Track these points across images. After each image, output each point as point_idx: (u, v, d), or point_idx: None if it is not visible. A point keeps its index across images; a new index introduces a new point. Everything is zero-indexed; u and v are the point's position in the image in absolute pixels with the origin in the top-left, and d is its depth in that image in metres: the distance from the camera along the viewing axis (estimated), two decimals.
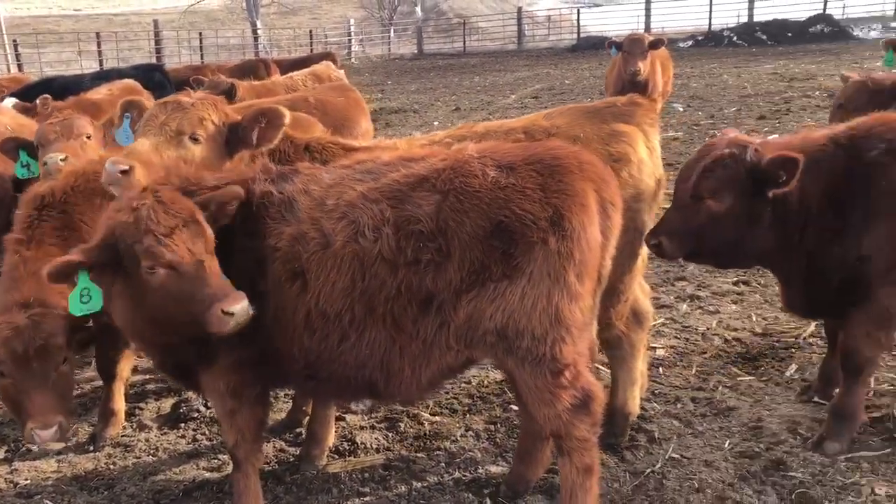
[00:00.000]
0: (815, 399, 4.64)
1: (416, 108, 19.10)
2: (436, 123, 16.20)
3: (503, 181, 3.08)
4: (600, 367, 4.92)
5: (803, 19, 30.01)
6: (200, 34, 34.69)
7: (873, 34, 28.50)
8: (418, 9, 43.95)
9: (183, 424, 4.83)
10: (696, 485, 3.91)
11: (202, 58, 31.06)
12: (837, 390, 4.29)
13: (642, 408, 4.64)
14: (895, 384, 4.74)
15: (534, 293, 3.05)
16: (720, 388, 4.89)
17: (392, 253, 3.06)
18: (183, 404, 5.01)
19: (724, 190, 3.84)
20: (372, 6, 50.33)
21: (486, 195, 3.06)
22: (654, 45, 9.91)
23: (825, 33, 28.70)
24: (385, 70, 31.77)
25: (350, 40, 37.38)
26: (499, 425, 4.60)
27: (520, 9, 37.45)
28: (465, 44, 37.94)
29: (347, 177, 3.30)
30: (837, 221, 3.85)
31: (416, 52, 38.12)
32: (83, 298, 3.17)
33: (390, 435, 4.56)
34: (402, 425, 4.63)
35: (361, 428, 4.65)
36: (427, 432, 4.57)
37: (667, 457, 4.17)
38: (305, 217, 3.21)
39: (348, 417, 4.76)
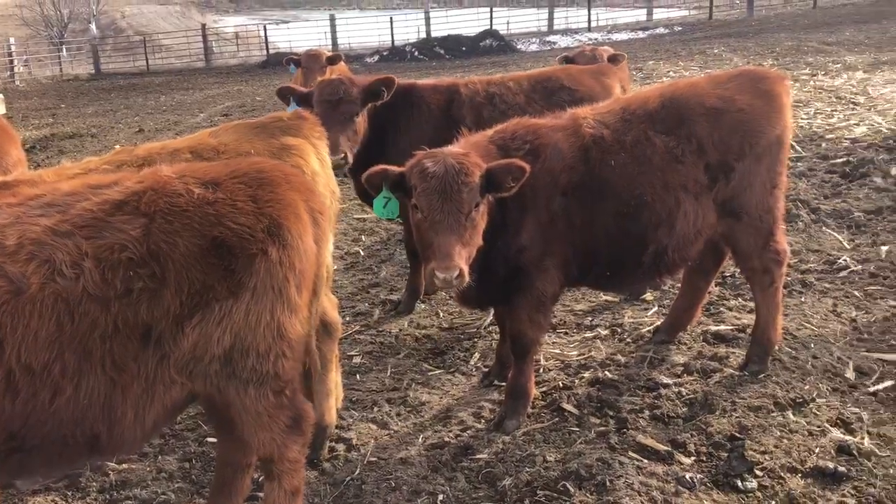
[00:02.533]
0: (495, 382, 5.04)
1: (95, 133, 17.65)
2: (117, 146, 15.05)
3: (211, 197, 2.96)
4: None
5: (474, 35, 32.62)
6: None
7: (533, 47, 31.87)
8: (93, 26, 40.71)
9: None
10: (393, 483, 4.04)
11: None
12: (511, 372, 4.70)
13: (341, 417, 4.70)
14: (558, 358, 5.31)
15: (258, 308, 2.98)
16: (413, 385, 5.12)
17: (98, 287, 2.77)
18: None
19: (478, 201, 3.87)
20: (37, 24, 45.67)
21: (197, 212, 2.91)
22: (332, 60, 10.13)
23: (494, 47, 31.44)
24: (57, 92, 28.93)
25: (12, 61, 33.53)
26: (194, 461, 4.38)
27: (203, 25, 36.31)
28: (147, 62, 35.85)
29: (24, 214, 2.87)
30: (500, 217, 4.17)
31: (93, 71, 35.23)
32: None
33: (69, 494, 4.13)
34: (82, 480, 4.23)
35: (34, 492, 4.16)
36: (114, 482, 4.21)
37: (365, 462, 4.27)
38: None
39: (18, 482, 4.23)
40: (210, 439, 4.53)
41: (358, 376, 5.32)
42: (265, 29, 37.31)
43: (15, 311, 2.70)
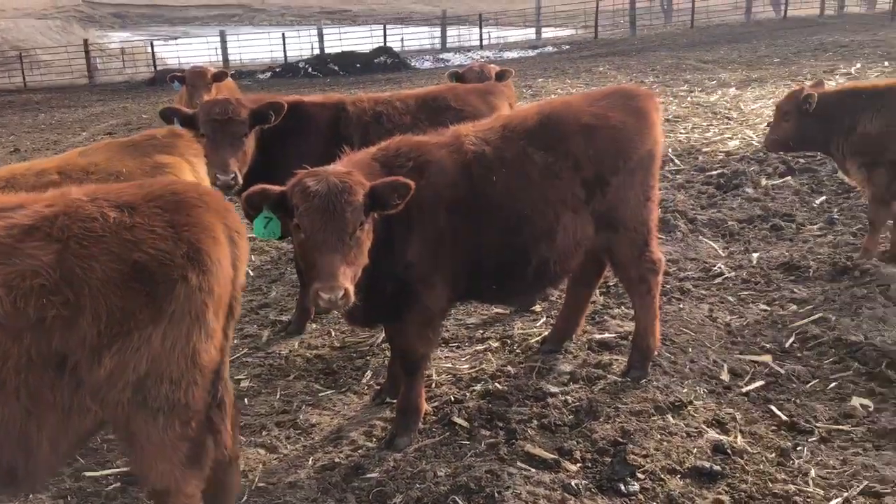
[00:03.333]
0: (388, 400, 5.03)
1: None
2: None
3: (128, 221, 2.90)
4: None
5: (368, 51, 32.64)
6: None
7: (427, 64, 32.18)
8: None
9: None
10: None
11: None
12: (402, 389, 4.70)
13: None
14: (450, 372, 5.36)
15: (174, 334, 2.92)
16: (303, 406, 5.05)
17: (9, 316, 2.66)
18: None
19: (362, 220, 3.80)
20: None
21: (114, 238, 2.85)
22: (218, 77, 9.94)
23: (388, 64, 31.54)
24: None
25: None
26: (70, 498, 4.17)
27: (86, 41, 34.82)
28: (24, 78, 34.10)
29: None
30: (386, 234, 4.15)
31: None
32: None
33: None
34: None
35: None
36: None
37: (253, 488, 4.17)
38: None
39: None
40: (88, 473, 4.33)
41: (246, 400, 5.20)
42: (152, 45, 36.18)
43: None
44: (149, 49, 36.72)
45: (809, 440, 4.36)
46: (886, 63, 18.31)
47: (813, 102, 6.66)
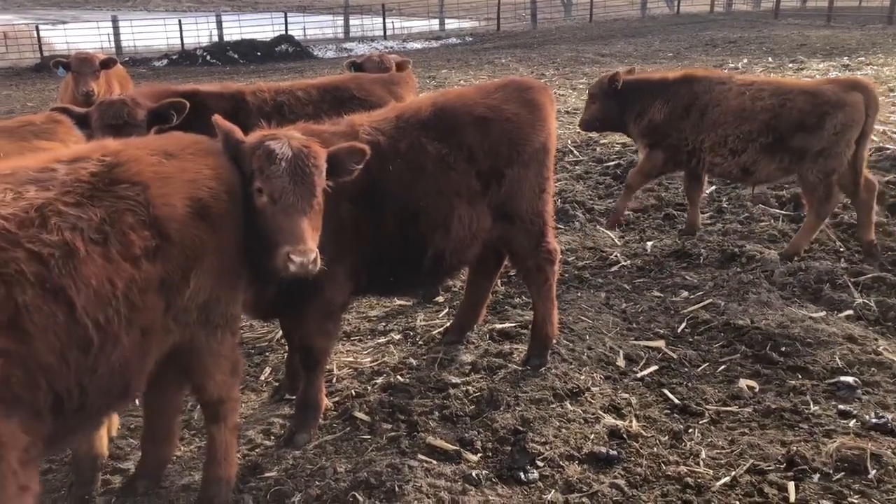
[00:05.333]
0: (287, 396, 4.92)
1: None
2: None
3: (179, 164, 3.44)
4: None
5: (269, 39, 31.90)
6: None
7: (330, 54, 31.72)
8: None
9: None
10: None
11: None
12: (301, 385, 4.60)
13: (116, 446, 4.39)
14: (351, 366, 5.29)
15: (226, 258, 3.54)
16: (197, 406, 4.87)
17: (125, 248, 3.08)
18: None
19: (323, 185, 3.71)
20: None
21: (179, 178, 3.37)
22: (106, 63, 9.46)
23: (290, 52, 30.91)
24: None
25: None
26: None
27: None
28: None
29: (18, 189, 2.94)
30: None
31: None
32: None
33: None
34: None
35: None
36: None
37: (141, 492, 3.99)
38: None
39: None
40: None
41: (136, 401, 4.97)
42: (38, 29, 34.30)
43: (75, 272, 2.89)
44: (34, 33, 34.77)
45: (700, 422, 4.52)
46: (770, 59, 19.27)
47: (620, 81, 7.50)
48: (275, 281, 3.94)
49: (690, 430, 4.44)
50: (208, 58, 30.13)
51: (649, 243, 7.38)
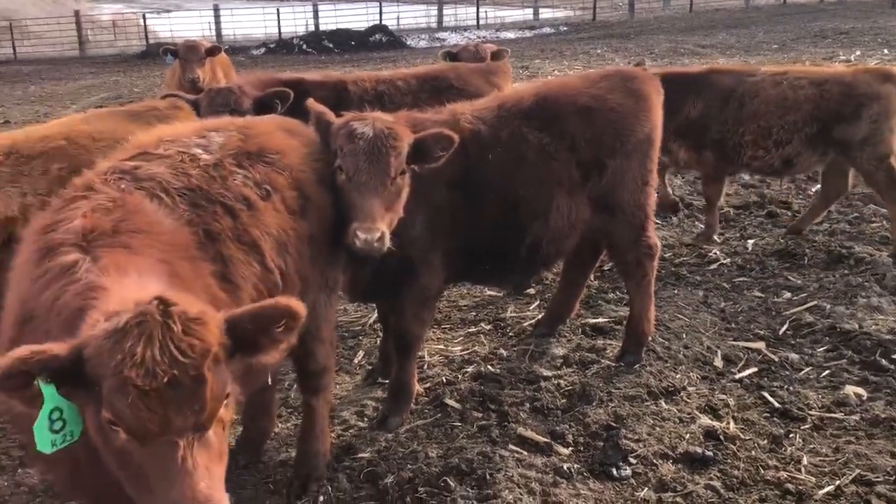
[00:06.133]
0: (380, 380, 5.00)
1: None
2: None
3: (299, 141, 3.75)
4: None
5: (364, 29, 32.35)
6: None
7: (423, 43, 31.91)
8: None
9: None
10: (272, 486, 3.98)
11: None
12: (394, 369, 4.67)
13: None
14: (442, 354, 5.32)
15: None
16: (295, 385, 5.00)
17: (284, 205, 3.40)
18: None
19: (403, 169, 3.80)
20: None
21: (300, 154, 3.65)
22: (212, 51, 9.76)
23: (384, 42, 31.28)
24: None
25: None
26: None
27: (77, 12, 34.38)
28: (14, 49, 33.71)
29: (195, 150, 3.21)
30: None
31: None
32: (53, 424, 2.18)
33: None
34: None
35: None
36: None
37: (242, 465, 4.13)
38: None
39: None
40: None
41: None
42: (144, 17, 35.80)
43: (260, 222, 3.16)
44: (141, 21, 36.32)
45: (802, 427, 4.35)
46: (886, 51, 18.28)
47: None
48: (367, 263, 4.01)
49: (791, 435, 4.28)
50: (304, 47, 30.77)
51: (750, 241, 7.13)
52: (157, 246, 2.67)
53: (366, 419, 4.59)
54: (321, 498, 3.83)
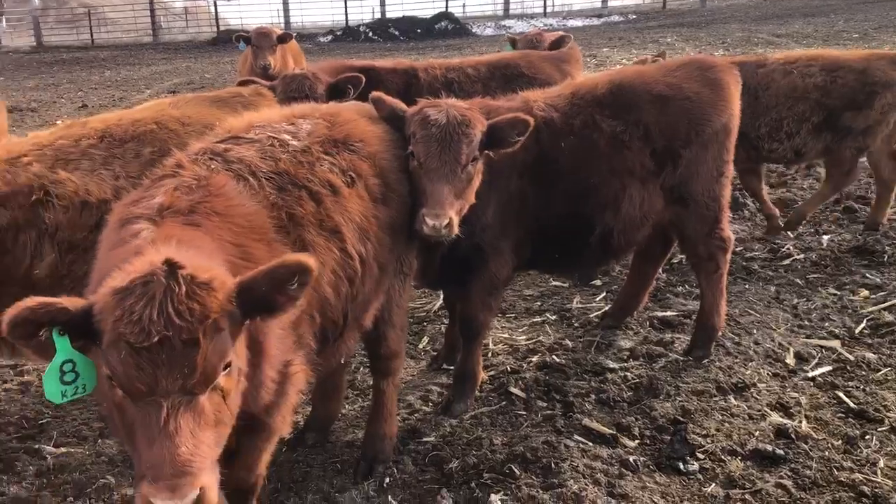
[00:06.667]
0: (444, 366, 5.03)
1: (35, 107, 17.09)
2: (59, 122, 14.63)
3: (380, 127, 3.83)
4: None
5: (429, 17, 32.43)
6: None
7: (488, 31, 31.83)
8: None
9: None
10: (339, 466, 4.04)
11: None
12: (459, 356, 4.69)
13: None
14: (507, 343, 5.33)
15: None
16: (362, 368, 5.08)
17: (367, 192, 3.48)
18: None
19: (476, 156, 3.81)
20: None
21: (382, 143, 3.73)
22: (283, 38, 9.93)
23: (449, 30, 31.34)
24: None
25: None
26: None
27: (151, 0, 35.35)
28: (92, 35, 34.85)
29: (286, 136, 3.33)
30: None
31: (34, 44, 34.12)
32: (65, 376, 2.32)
33: (4, 478, 4.00)
34: (18, 464, 4.11)
35: None
36: (51, 466, 4.10)
37: (310, 444, 4.22)
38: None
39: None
40: None
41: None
42: (216, 5, 36.57)
43: (343, 209, 3.22)
44: (211, 9, 37.09)
45: (879, 429, 4.21)
46: None
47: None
48: (437, 249, 4.03)
49: (867, 437, 4.15)
50: (370, 34, 31.03)
51: (825, 237, 6.92)
52: (231, 228, 2.73)
53: (430, 404, 4.63)
54: (387, 479, 3.88)
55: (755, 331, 5.22)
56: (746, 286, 6.02)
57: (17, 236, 3.54)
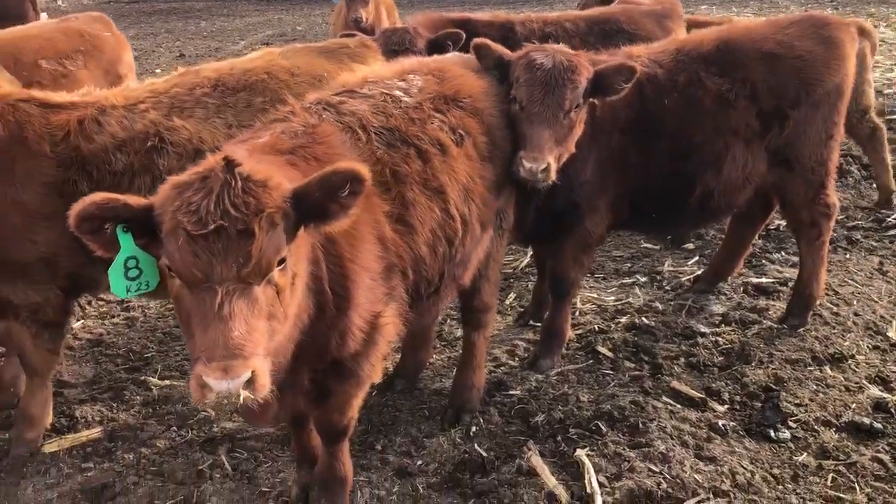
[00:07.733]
0: (531, 322, 5.06)
1: (136, 56, 17.52)
2: (158, 71, 15.10)
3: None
4: None
5: None
6: None
7: None
8: None
9: None
10: (427, 413, 4.14)
11: None
12: (548, 313, 4.70)
13: None
14: (595, 303, 5.30)
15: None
16: (448, 321, 5.15)
17: (475, 151, 3.50)
18: None
19: (579, 103, 3.77)
20: None
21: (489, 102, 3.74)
22: None
23: None
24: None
25: None
26: None
27: None
28: None
29: (397, 93, 3.38)
30: None
31: None
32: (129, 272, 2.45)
33: (114, 405, 4.27)
34: (126, 394, 4.36)
35: (81, 402, 4.30)
36: (156, 397, 4.35)
37: (399, 390, 4.32)
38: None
39: (66, 392, 4.39)
40: None
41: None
42: None
43: (450, 169, 3.25)
44: None
45: None
46: None
47: None
48: (531, 200, 4.02)
49: None
50: None
51: None
52: None
53: (517, 359, 4.67)
54: (473, 428, 3.95)
55: (855, 302, 5.05)
56: (847, 255, 5.80)
57: (133, 181, 3.69)
